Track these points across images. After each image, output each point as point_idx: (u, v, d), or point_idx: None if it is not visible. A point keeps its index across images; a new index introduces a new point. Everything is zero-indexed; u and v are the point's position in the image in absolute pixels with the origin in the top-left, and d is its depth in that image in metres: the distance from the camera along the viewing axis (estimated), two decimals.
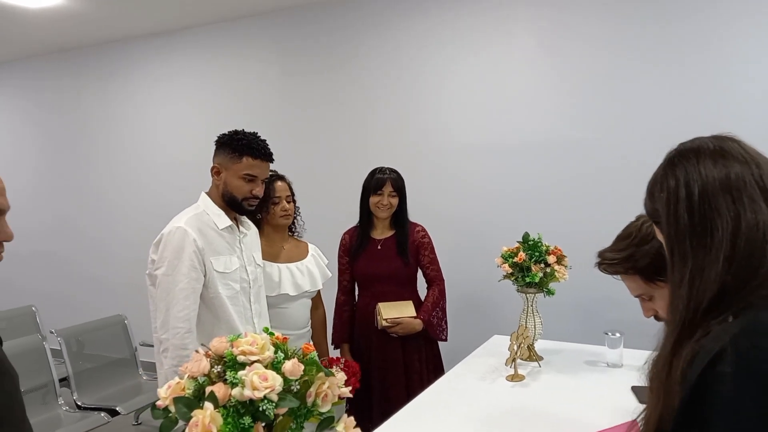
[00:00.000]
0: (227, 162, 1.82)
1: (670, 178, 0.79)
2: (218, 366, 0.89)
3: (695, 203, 0.74)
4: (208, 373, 0.88)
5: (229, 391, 0.84)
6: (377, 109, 3.57)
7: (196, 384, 0.88)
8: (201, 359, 0.89)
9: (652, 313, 1.13)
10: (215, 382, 0.87)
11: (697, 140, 0.81)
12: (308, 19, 3.73)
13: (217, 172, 1.85)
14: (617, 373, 2.08)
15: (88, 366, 3.29)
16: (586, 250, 2.62)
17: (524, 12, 3.15)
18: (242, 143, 1.80)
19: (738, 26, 2.71)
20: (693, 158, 0.78)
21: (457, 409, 1.79)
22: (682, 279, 0.74)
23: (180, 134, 4.27)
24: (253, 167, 1.81)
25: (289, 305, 2.21)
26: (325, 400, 0.92)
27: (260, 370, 0.85)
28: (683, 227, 0.75)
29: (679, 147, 0.83)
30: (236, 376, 0.84)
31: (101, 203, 4.66)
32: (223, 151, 1.83)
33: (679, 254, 0.75)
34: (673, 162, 0.81)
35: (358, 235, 2.48)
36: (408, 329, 2.35)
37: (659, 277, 1.07)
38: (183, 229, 1.74)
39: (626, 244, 1.15)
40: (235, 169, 1.80)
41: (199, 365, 0.87)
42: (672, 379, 0.70)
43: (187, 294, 1.70)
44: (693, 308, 0.71)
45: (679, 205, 0.75)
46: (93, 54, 4.57)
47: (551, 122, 3.11)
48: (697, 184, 0.75)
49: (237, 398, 0.83)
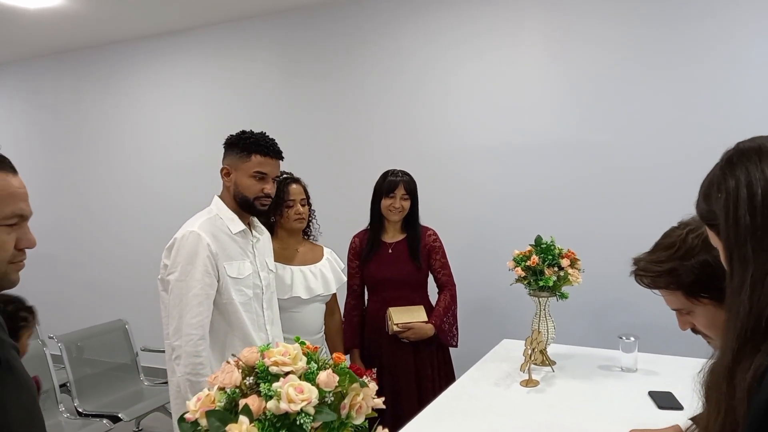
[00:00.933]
0: (236, 162, 1.80)
1: (729, 179, 0.74)
2: (250, 377, 0.85)
3: (758, 204, 0.70)
4: (240, 384, 0.85)
5: (264, 403, 0.80)
6: (383, 111, 3.54)
7: (226, 396, 0.85)
8: (233, 370, 0.85)
9: (689, 326, 1.07)
10: (247, 395, 0.84)
11: (757, 139, 0.77)
12: (312, 21, 3.70)
13: (227, 173, 1.82)
14: (632, 378, 2.05)
15: (88, 372, 3.25)
16: (597, 253, 2.63)
17: (531, 14, 3.13)
18: (250, 141, 1.78)
19: (747, 29, 2.70)
20: (755, 157, 0.73)
21: (474, 415, 1.76)
22: (743, 284, 0.70)
23: (182, 137, 4.23)
24: (263, 165, 1.79)
25: (301, 309, 2.17)
26: (359, 412, 0.89)
27: (295, 381, 0.82)
28: (744, 230, 0.71)
29: (738, 146, 0.78)
30: (271, 388, 0.81)
31: (101, 206, 4.61)
32: (231, 151, 1.81)
33: (739, 259, 0.72)
34: (732, 161, 0.76)
35: (369, 239, 2.44)
36: (420, 334, 2.32)
37: (703, 294, 1.00)
38: (197, 234, 1.71)
39: (668, 256, 1.04)
40: (245, 168, 1.78)
41: (231, 376, 0.84)
42: (735, 391, 0.67)
43: (201, 300, 1.67)
44: (756, 316, 0.68)
45: (740, 207, 0.71)
46: (92, 55, 4.53)
47: (560, 124, 3.10)
48: (760, 185, 0.71)
49: (273, 411, 0.79)
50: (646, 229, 2.91)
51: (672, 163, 2.83)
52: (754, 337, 0.67)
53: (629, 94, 2.94)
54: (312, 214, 2.32)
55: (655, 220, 2.89)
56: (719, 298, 0.98)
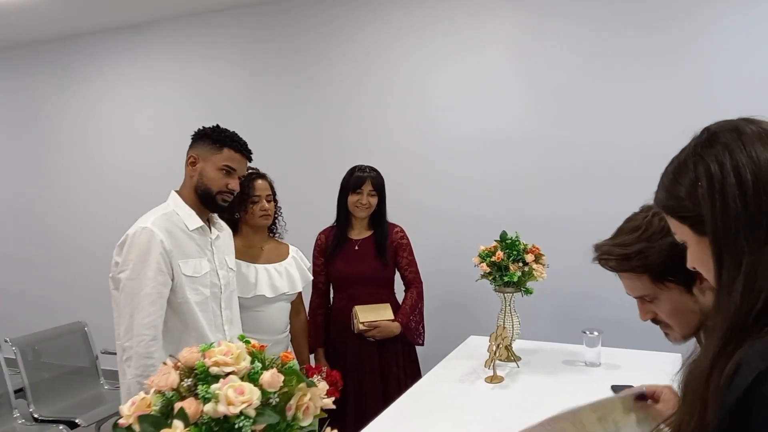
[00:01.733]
0: (206, 153, 1.76)
1: (711, 164, 0.67)
2: (189, 379, 0.80)
3: (748, 190, 0.64)
4: (177, 387, 0.80)
5: (201, 406, 0.76)
6: (353, 107, 3.50)
7: (163, 399, 0.80)
8: (169, 372, 0.80)
9: (650, 316, 1.02)
10: (185, 397, 0.79)
11: (728, 123, 0.70)
12: (281, 15, 3.64)
13: (194, 162, 1.77)
14: (596, 372, 2.07)
15: (45, 376, 3.14)
16: (563, 248, 2.63)
17: (498, 11, 3.13)
18: (224, 135, 1.77)
19: (715, 26, 2.74)
20: (736, 140, 0.67)
21: (437, 413, 1.74)
22: (734, 280, 0.64)
23: (144, 134, 4.12)
24: (233, 160, 1.76)
25: (265, 308, 2.12)
26: (307, 413, 0.85)
27: (236, 382, 0.78)
28: (735, 219, 0.64)
29: (711, 128, 0.71)
30: (209, 390, 0.76)
31: (58, 204, 4.46)
32: (202, 141, 1.77)
33: (729, 251, 0.65)
34: (709, 145, 0.68)
35: (335, 235, 2.41)
36: (385, 333, 2.29)
37: (670, 277, 0.96)
38: (149, 230, 1.64)
39: (635, 238, 0.99)
40: (215, 160, 1.75)
41: (167, 378, 0.79)
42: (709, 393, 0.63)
43: (153, 299, 1.60)
44: (745, 312, 0.62)
45: (728, 194, 0.64)
46: (50, 49, 4.37)
47: (525, 121, 3.10)
48: (749, 169, 0.64)
49: (210, 415, 0.75)
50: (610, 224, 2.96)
51: (635, 159, 2.86)
52: (740, 334, 0.63)
53: (594, 92, 2.96)
54: (278, 211, 2.27)
55: (619, 216, 2.94)
56: (685, 283, 0.96)
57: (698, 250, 0.72)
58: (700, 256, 0.72)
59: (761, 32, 2.66)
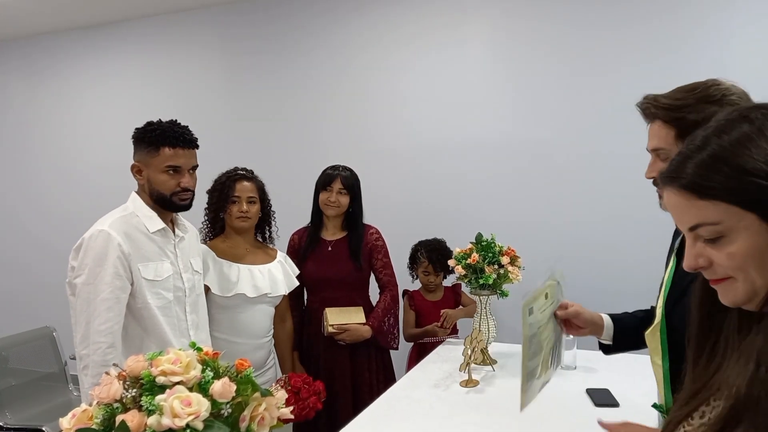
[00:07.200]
0: (146, 157, 1.68)
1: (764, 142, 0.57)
2: (133, 389, 0.76)
3: None
4: (121, 398, 0.75)
5: (145, 419, 0.72)
6: (330, 107, 3.45)
7: (106, 412, 0.75)
8: (112, 382, 0.76)
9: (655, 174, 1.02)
10: (129, 409, 0.75)
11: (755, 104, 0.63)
12: (257, 14, 3.58)
13: (138, 170, 1.70)
14: (571, 375, 2.05)
15: (12, 383, 3.05)
16: (539, 250, 2.62)
17: (474, 13, 3.12)
18: (156, 134, 1.66)
19: (696, 30, 2.75)
20: None
21: (411, 418, 1.70)
22: None
23: (114, 135, 3.99)
24: (174, 157, 1.67)
25: (246, 310, 2.05)
26: (262, 423, 0.81)
27: (183, 393, 0.74)
28: None
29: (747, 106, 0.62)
30: (153, 401, 0.72)
31: (24, 206, 4.32)
32: (139, 146, 1.70)
33: None
34: (756, 118, 0.59)
35: (308, 236, 2.36)
36: (355, 336, 2.24)
37: None
38: (106, 233, 1.58)
39: (685, 94, 1.02)
40: (155, 163, 1.67)
41: (109, 389, 0.75)
42: None
43: (110, 305, 1.54)
44: None
45: None
46: (19, 47, 4.25)
47: (508, 121, 3.09)
48: None
49: (153, 428, 0.71)
50: (586, 226, 2.97)
51: (614, 160, 2.86)
52: None
53: (572, 93, 2.96)
54: (272, 216, 2.21)
55: (598, 217, 2.95)
56: None
57: (760, 240, 0.59)
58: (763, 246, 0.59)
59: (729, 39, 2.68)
